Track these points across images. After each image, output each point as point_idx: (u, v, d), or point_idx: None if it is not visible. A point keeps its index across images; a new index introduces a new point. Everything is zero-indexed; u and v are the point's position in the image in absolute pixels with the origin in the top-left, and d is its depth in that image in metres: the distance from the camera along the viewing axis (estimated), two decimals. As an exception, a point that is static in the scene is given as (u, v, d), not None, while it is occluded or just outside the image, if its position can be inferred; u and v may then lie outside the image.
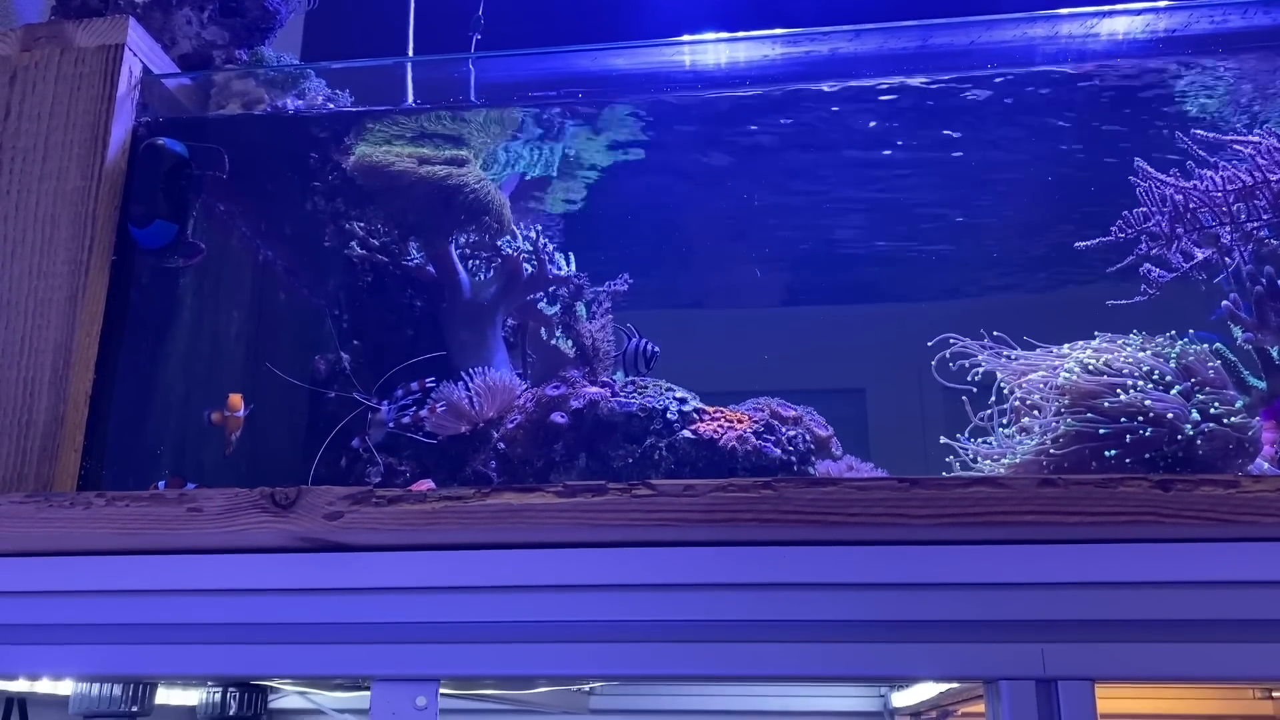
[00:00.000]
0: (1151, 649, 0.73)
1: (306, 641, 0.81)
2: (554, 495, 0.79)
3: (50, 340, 0.98)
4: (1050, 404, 0.98)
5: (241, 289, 1.29)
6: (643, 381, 1.08)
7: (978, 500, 0.73)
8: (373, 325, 1.24)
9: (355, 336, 1.26)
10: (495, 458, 1.08)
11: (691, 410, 1.04)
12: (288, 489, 0.80)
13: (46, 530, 0.81)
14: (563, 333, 1.20)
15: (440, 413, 1.07)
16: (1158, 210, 0.94)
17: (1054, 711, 0.73)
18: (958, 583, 0.75)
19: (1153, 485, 0.72)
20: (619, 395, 1.05)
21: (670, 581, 0.79)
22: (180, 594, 0.83)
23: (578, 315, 1.15)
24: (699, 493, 0.77)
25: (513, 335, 1.26)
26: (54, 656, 0.83)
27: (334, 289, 1.31)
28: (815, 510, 0.75)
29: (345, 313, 1.28)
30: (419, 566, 0.81)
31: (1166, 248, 0.97)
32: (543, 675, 0.80)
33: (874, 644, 0.76)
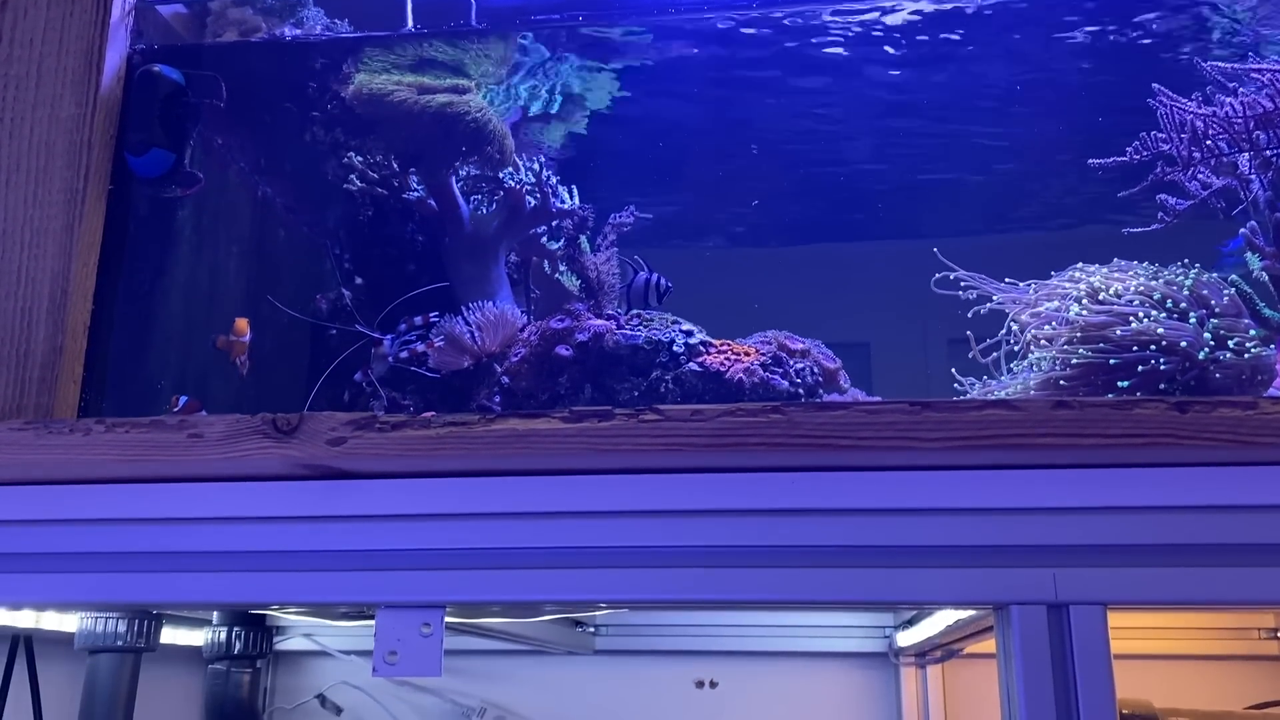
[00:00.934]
0: (1166, 573, 0.72)
1: (310, 569, 0.81)
2: (560, 421, 0.77)
3: (47, 270, 0.96)
4: (1060, 336, 0.97)
5: (240, 224, 1.27)
6: (648, 314, 1.06)
7: (991, 423, 0.72)
8: (374, 261, 1.23)
9: (356, 273, 1.25)
10: (499, 392, 1.07)
11: (698, 343, 1.03)
12: (289, 415, 0.79)
13: (46, 458, 0.80)
14: (567, 267, 1.18)
15: (440, 346, 1.06)
16: (1176, 134, 0.92)
17: (1065, 637, 0.72)
18: (969, 508, 0.75)
19: (1169, 407, 0.71)
20: (624, 328, 1.04)
21: (677, 507, 0.78)
22: (182, 522, 0.82)
23: (581, 249, 1.14)
24: (707, 417, 0.76)
25: (516, 271, 1.24)
26: (55, 585, 0.82)
27: (334, 225, 1.30)
28: (825, 434, 0.74)
29: (346, 248, 1.27)
30: (423, 493, 0.80)
31: (1183, 173, 0.95)
32: (549, 601, 0.80)
33: (883, 569, 0.75)
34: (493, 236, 1.16)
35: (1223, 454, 0.71)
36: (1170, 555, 0.73)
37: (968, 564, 0.74)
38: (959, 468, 0.75)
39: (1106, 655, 0.72)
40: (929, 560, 0.75)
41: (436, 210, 1.16)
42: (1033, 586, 0.73)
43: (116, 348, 1.01)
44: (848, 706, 1.78)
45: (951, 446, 0.73)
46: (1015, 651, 0.73)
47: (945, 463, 0.75)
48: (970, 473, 0.75)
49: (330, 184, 1.24)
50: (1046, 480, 0.74)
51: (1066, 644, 0.72)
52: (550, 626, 1.54)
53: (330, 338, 1.20)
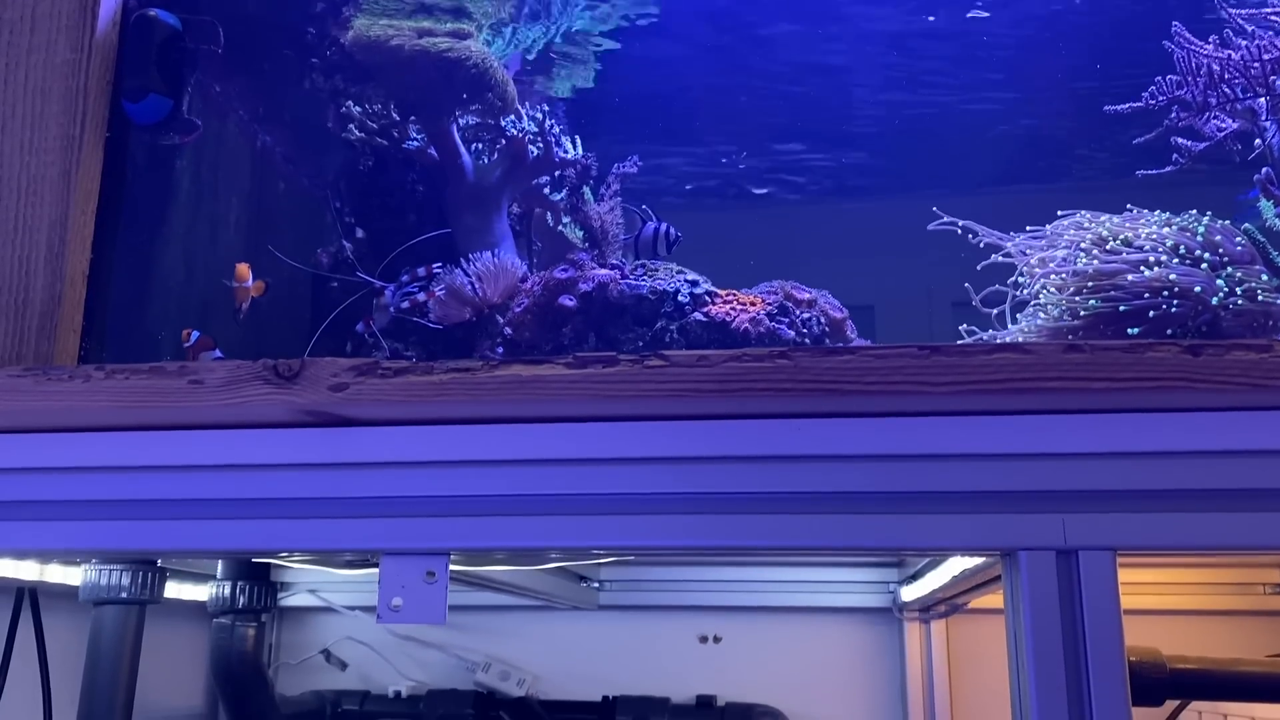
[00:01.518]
0: (1176, 519, 0.72)
1: (312, 516, 0.80)
2: (564, 367, 0.77)
3: (45, 217, 0.95)
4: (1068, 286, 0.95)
5: (240, 175, 1.26)
6: (653, 264, 1.05)
7: (1001, 367, 0.71)
8: (374, 212, 1.21)
9: (357, 225, 1.24)
10: (503, 343, 1.06)
11: (703, 293, 1.01)
12: (290, 360, 0.78)
13: (46, 404, 0.80)
14: (570, 217, 1.17)
15: (441, 297, 1.05)
16: (1192, 78, 0.90)
17: (1074, 582, 0.72)
18: (978, 453, 0.74)
19: (1182, 350, 0.70)
20: (629, 278, 1.03)
21: (683, 454, 0.77)
22: (183, 470, 0.81)
23: (585, 198, 1.12)
24: (713, 363, 0.75)
25: (518, 223, 1.23)
26: (56, 533, 0.82)
27: (334, 177, 1.28)
28: (832, 379, 0.73)
29: (346, 201, 1.25)
30: (426, 440, 0.80)
31: (1198, 118, 0.93)
32: (553, 547, 0.79)
33: (891, 515, 0.74)
34: (495, 187, 1.15)
35: (1235, 398, 0.70)
36: (1181, 500, 0.72)
37: (976, 510, 0.74)
38: (968, 413, 0.74)
39: (1115, 601, 0.71)
40: (937, 506, 0.74)
41: (437, 160, 1.15)
42: (1042, 532, 0.72)
43: (116, 297, 1.00)
44: (851, 661, 1.78)
45: (961, 391, 0.72)
46: (1023, 597, 0.72)
47: (954, 408, 0.74)
48: (979, 418, 0.74)
49: (330, 134, 1.23)
50: (1057, 425, 0.73)
51: (1075, 590, 0.72)
52: (554, 581, 1.54)
53: (332, 290, 1.19)
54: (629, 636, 1.84)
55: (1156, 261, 0.86)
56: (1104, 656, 0.71)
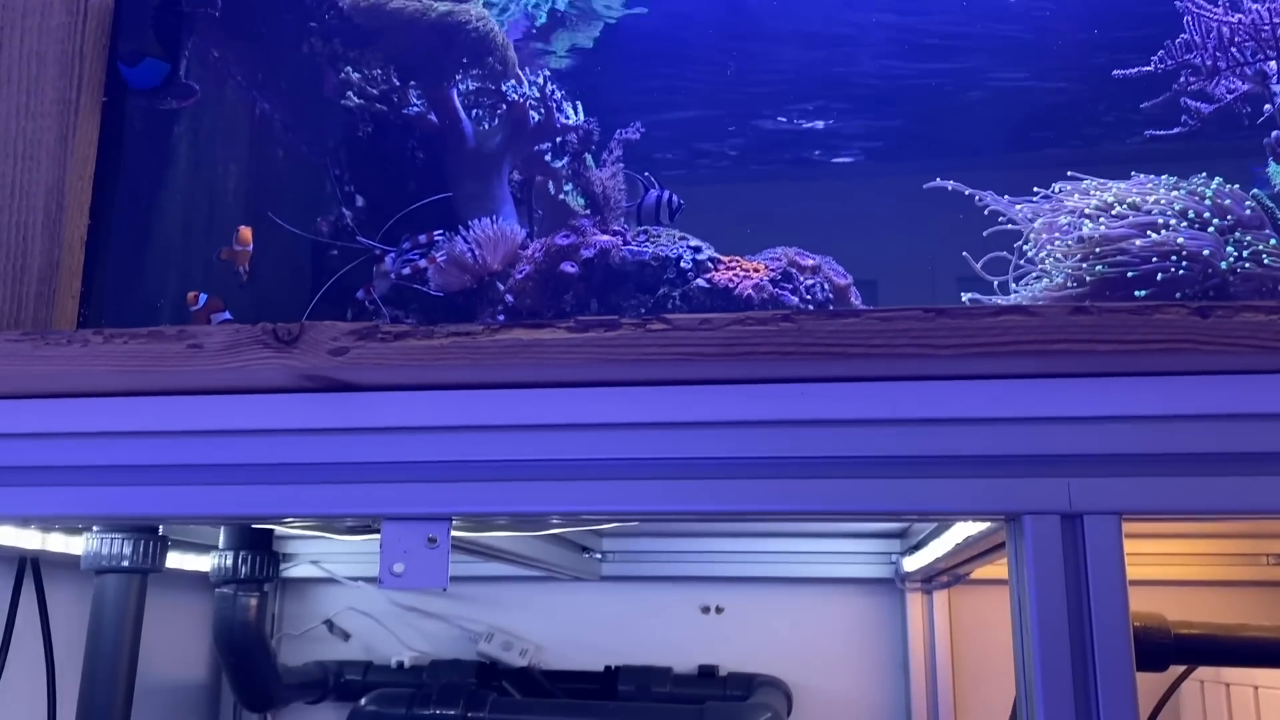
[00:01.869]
0: (1183, 483, 0.71)
1: (312, 481, 0.80)
2: (565, 330, 0.76)
3: (42, 182, 0.94)
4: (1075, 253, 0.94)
5: (238, 143, 1.25)
6: (655, 230, 1.04)
7: (1007, 329, 0.70)
8: (374, 180, 1.20)
9: (357, 193, 1.23)
10: (504, 310, 1.05)
11: (706, 259, 1.01)
12: (290, 324, 0.77)
13: (44, 369, 0.79)
14: (571, 183, 1.16)
15: (441, 264, 1.04)
16: (1201, 41, 0.89)
17: (1079, 547, 0.71)
18: (983, 417, 0.73)
19: (1190, 312, 0.69)
20: (631, 244, 1.02)
21: (686, 419, 0.76)
22: (183, 435, 0.81)
23: (587, 164, 1.11)
24: (716, 326, 0.74)
25: (519, 190, 1.22)
26: (56, 498, 0.82)
27: (333, 144, 1.27)
28: (836, 342, 0.72)
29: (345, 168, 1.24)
30: (427, 405, 0.79)
31: (1208, 82, 0.92)
32: (555, 513, 0.79)
33: (894, 479, 0.74)
34: (495, 153, 1.14)
35: (1244, 360, 0.70)
36: (1188, 464, 0.71)
37: (981, 474, 0.73)
38: (973, 377, 0.74)
39: (1120, 565, 0.71)
40: (941, 471, 0.74)
41: (437, 126, 1.14)
42: (1047, 496, 0.72)
43: (115, 264, 0.99)
44: (853, 632, 1.78)
45: (966, 353, 0.71)
46: (1028, 562, 0.72)
47: (959, 371, 0.73)
48: (984, 382, 0.74)
49: (328, 101, 1.21)
50: (1062, 389, 0.73)
51: (1080, 554, 0.71)
52: (556, 551, 1.54)
53: (332, 258, 1.18)
54: (631, 607, 1.85)
55: (1165, 225, 0.85)
56: (1108, 621, 0.71)
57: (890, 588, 1.78)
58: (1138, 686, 0.70)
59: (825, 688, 1.77)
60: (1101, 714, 0.70)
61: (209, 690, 1.83)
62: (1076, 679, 0.70)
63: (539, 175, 1.21)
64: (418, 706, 1.49)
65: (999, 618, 1.73)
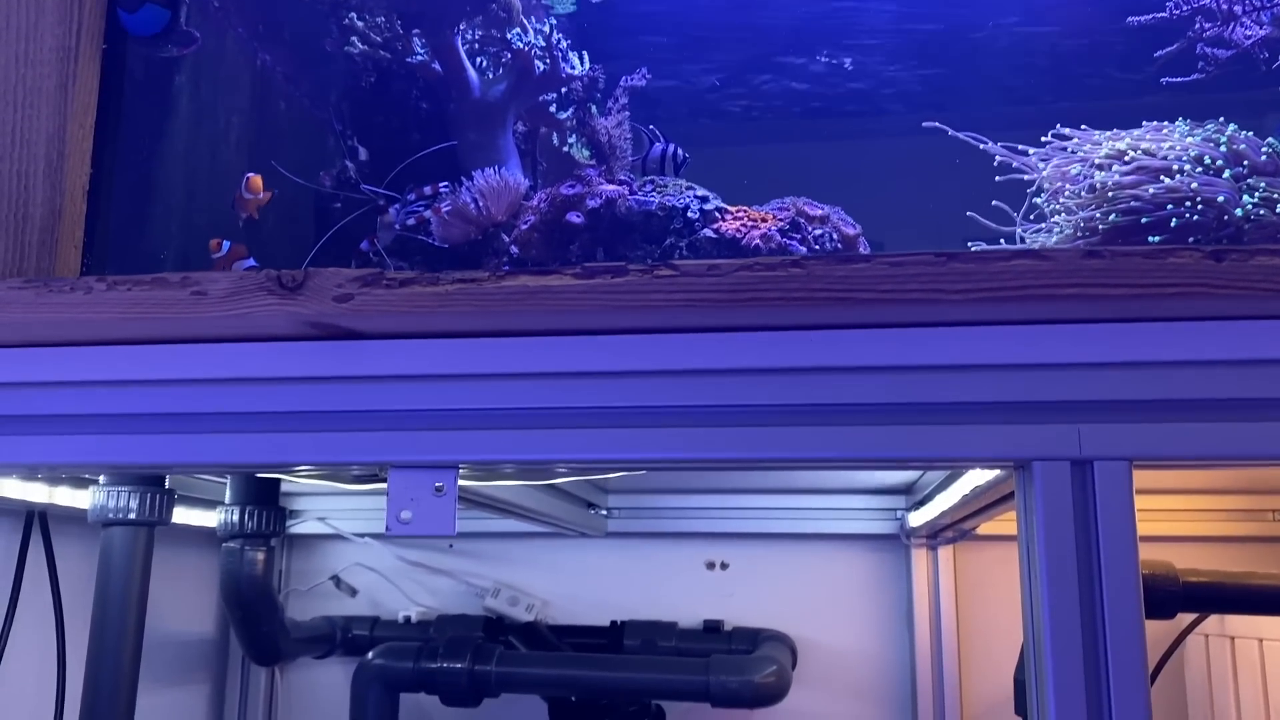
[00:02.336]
0: (1194, 429, 0.71)
1: (319, 430, 0.79)
2: (572, 277, 0.75)
3: (42, 131, 0.93)
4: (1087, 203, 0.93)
5: (240, 94, 1.23)
6: (661, 180, 1.03)
7: (1019, 274, 0.70)
8: (377, 131, 1.19)
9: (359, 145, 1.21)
10: (509, 262, 1.04)
11: (713, 209, 1.00)
12: (294, 271, 0.77)
13: (48, 316, 0.79)
14: (576, 132, 1.14)
15: (445, 216, 1.03)
16: (1217, -18, 0.87)
17: (1089, 493, 0.71)
18: (994, 364, 0.73)
19: (1205, 256, 0.68)
20: (637, 194, 1.01)
21: (694, 367, 0.76)
22: (189, 383, 0.81)
23: (592, 113, 1.10)
24: (724, 272, 0.73)
25: (523, 142, 1.21)
26: (62, 447, 0.81)
27: (336, 97, 1.26)
28: (846, 288, 0.71)
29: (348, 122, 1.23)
30: (433, 354, 0.79)
31: (1224, 27, 0.90)
32: (562, 461, 0.79)
33: (904, 426, 0.73)
34: (500, 103, 1.12)
35: (1258, 305, 0.69)
36: (1199, 411, 0.71)
37: (991, 420, 0.73)
38: (984, 323, 0.73)
39: (1130, 512, 0.71)
40: (951, 417, 0.73)
41: (441, 75, 1.12)
42: (1057, 443, 0.71)
43: (117, 213, 0.99)
44: (858, 588, 1.79)
45: (977, 299, 0.70)
46: (1037, 508, 0.71)
47: (970, 317, 0.73)
48: (995, 328, 0.73)
49: (331, 53, 1.20)
50: (1074, 334, 0.72)
51: (1090, 501, 0.71)
52: (563, 506, 1.54)
53: (335, 211, 1.17)
54: (637, 563, 1.85)
55: (1179, 170, 0.84)
56: (1118, 567, 0.70)
57: (895, 544, 1.78)
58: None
59: (830, 643, 1.78)
60: (1110, 661, 0.70)
61: (218, 645, 1.84)
62: (1085, 626, 0.70)
63: (544, 127, 1.19)
64: (425, 660, 1.50)
65: (1003, 573, 1.74)
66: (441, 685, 1.49)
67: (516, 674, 1.49)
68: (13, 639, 1.29)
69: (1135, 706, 0.69)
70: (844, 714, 1.76)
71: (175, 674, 1.72)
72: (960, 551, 1.73)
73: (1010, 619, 1.70)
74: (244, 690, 1.84)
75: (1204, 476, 1.51)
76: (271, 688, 1.86)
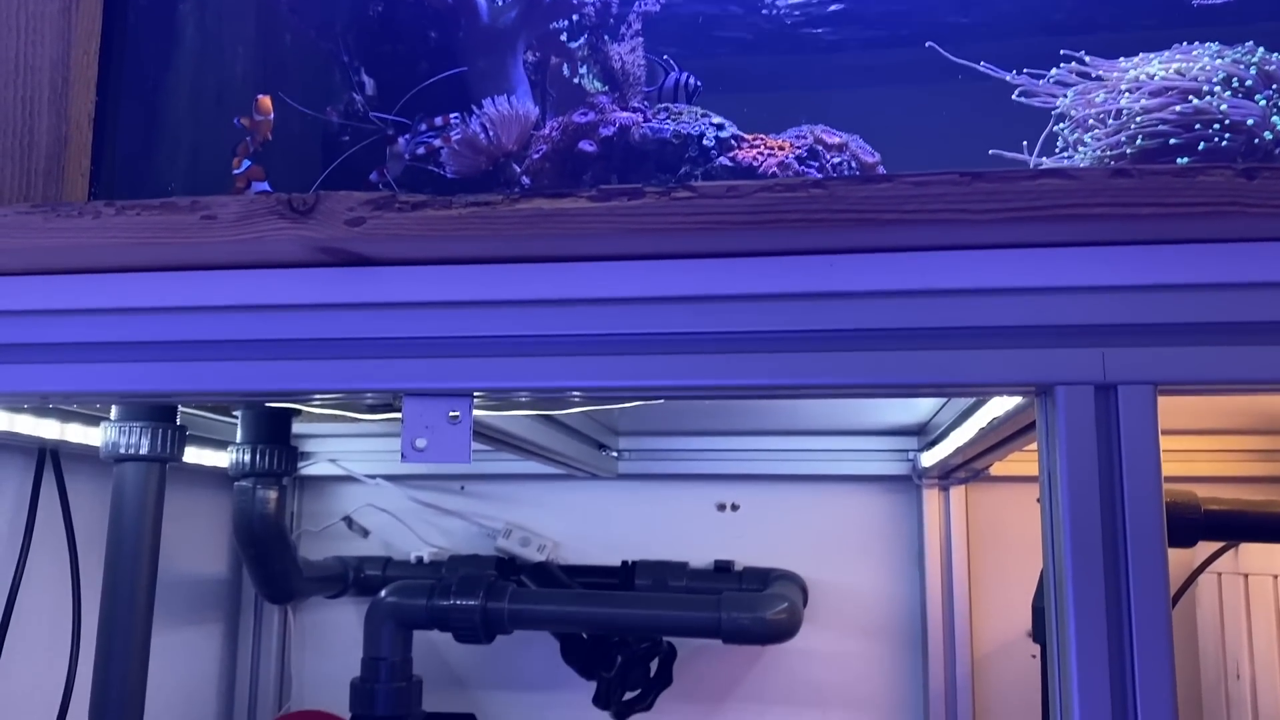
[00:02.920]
0: (1222, 352, 0.69)
1: (332, 357, 0.79)
2: (587, 200, 0.74)
3: (46, 57, 0.92)
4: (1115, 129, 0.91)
5: (245, 25, 1.21)
6: (676, 108, 1.01)
7: (1045, 193, 0.68)
8: (385, 61, 1.17)
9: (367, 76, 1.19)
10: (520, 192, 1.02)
11: (729, 137, 0.98)
12: (305, 195, 0.75)
13: (56, 242, 0.77)
14: (588, 63, 1.12)
15: (456, 144, 1.01)
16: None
17: (1112, 418, 0.70)
18: (1019, 287, 0.71)
19: (1236, 174, 0.67)
20: (651, 121, 0.99)
21: (712, 293, 0.75)
22: (199, 310, 0.80)
23: (604, 39, 1.08)
24: (743, 194, 0.72)
25: (534, 72, 1.18)
26: (74, 375, 0.81)
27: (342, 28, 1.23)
28: (869, 208, 0.70)
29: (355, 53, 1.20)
30: (446, 280, 0.77)
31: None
32: (577, 388, 0.78)
33: (926, 352, 0.72)
34: (510, 30, 1.10)
35: (1291, 224, 0.67)
36: (1227, 334, 0.70)
37: (1015, 345, 0.71)
38: (1009, 245, 0.71)
39: (1154, 437, 0.70)
40: (974, 342, 0.72)
41: (450, 1, 1.10)
42: (1081, 367, 0.70)
43: (124, 143, 0.97)
44: (869, 529, 1.79)
45: (1002, 219, 0.69)
46: (1059, 434, 0.70)
47: (995, 239, 0.71)
48: (1020, 251, 0.71)
49: (335, -18, 1.17)
50: (1100, 256, 0.70)
51: (1113, 425, 0.70)
52: (575, 445, 1.54)
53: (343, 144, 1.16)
54: (647, 505, 1.85)
55: (1208, 92, 0.82)
56: (1141, 493, 0.69)
57: (907, 484, 1.78)
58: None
59: (841, 583, 1.78)
60: (1131, 587, 0.69)
61: (231, 585, 1.85)
62: (1107, 552, 0.70)
63: (554, 56, 1.17)
64: (438, 597, 1.50)
65: (1015, 515, 1.73)
66: (455, 622, 1.50)
67: (530, 611, 1.50)
68: (27, 576, 1.30)
69: (1157, 631, 0.68)
70: (854, 652, 1.77)
71: (190, 613, 1.74)
72: (972, 492, 1.73)
73: (1021, 559, 1.70)
74: (257, 629, 1.85)
75: (1221, 416, 1.50)
76: (285, 627, 1.88)
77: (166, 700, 1.64)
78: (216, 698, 1.81)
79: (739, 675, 1.79)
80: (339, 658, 1.85)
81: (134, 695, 1.24)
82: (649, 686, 1.64)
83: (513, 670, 1.83)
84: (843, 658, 1.77)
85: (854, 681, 1.77)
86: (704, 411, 1.66)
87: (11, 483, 1.31)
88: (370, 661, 1.52)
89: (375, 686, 1.50)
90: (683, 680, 1.71)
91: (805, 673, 1.78)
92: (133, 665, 1.24)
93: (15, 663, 1.30)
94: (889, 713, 1.75)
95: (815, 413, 1.65)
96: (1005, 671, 1.71)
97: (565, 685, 1.70)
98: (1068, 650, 0.69)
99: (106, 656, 1.23)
